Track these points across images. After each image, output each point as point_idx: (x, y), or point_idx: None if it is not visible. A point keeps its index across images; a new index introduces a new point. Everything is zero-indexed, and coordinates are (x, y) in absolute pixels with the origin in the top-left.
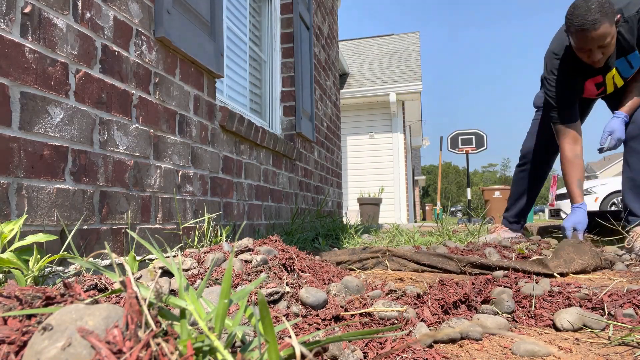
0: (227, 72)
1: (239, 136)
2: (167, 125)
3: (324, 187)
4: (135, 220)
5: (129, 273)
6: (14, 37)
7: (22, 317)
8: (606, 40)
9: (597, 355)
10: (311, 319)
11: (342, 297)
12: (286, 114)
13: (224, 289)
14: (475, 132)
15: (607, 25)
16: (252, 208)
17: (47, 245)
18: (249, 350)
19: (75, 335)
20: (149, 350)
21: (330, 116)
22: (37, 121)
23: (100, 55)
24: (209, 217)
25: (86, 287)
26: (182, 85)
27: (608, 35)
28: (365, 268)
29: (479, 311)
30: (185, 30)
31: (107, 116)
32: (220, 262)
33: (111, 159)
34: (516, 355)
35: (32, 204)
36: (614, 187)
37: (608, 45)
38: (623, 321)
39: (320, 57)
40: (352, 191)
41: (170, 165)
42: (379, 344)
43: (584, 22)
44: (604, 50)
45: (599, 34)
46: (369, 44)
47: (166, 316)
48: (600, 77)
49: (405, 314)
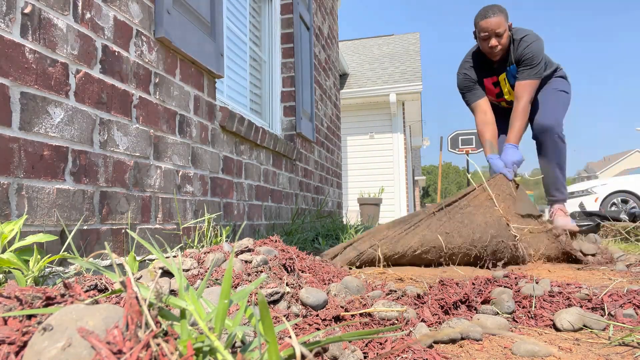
0: (227, 73)
1: (239, 136)
2: (167, 126)
3: (324, 188)
4: (136, 221)
5: (129, 273)
6: (14, 37)
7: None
8: (501, 29)
9: (597, 355)
10: (311, 319)
11: (342, 298)
12: (286, 114)
13: (224, 289)
14: (475, 132)
15: (503, 19)
16: (252, 208)
17: (47, 246)
18: (249, 351)
19: (75, 335)
20: (149, 350)
21: (331, 116)
22: (37, 121)
23: (100, 56)
24: (209, 217)
25: (86, 288)
26: (182, 86)
27: (502, 26)
28: (361, 255)
29: (479, 311)
30: (186, 31)
31: (107, 116)
32: (220, 262)
33: (111, 159)
34: (516, 355)
35: (32, 204)
36: (614, 187)
37: (502, 36)
38: (623, 321)
39: (320, 57)
40: (352, 191)
41: (171, 166)
42: (379, 344)
43: (486, 12)
44: (500, 40)
45: (496, 20)
46: (369, 44)
47: (166, 316)
48: (495, 78)
49: (405, 314)
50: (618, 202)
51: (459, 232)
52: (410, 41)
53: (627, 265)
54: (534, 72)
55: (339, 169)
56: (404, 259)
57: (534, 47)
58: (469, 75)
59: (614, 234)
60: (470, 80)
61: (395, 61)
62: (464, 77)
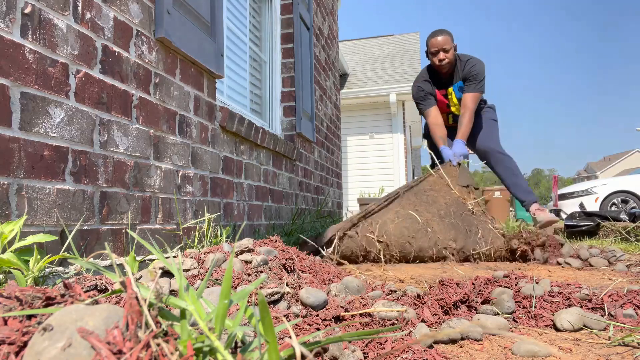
0: (227, 73)
1: (239, 136)
2: (167, 126)
3: (324, 188)
4: (136, 221)
5: (129, 273)
6: (15, 37)
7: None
8: (447, 46)
9: (597, 355)
10: (311, 320)
11: (342, 298)
12: (286, 114)
13: (224, 289)
14: None
15: (449, 39)
16: (253, 208)
17: (47, 246)
18: (249, 351)
19: (75, 335)
20: (149, 350)
21: (331, 116)
22: (37, 121)
23: (100, 56)
24: (209, 217)
25: (86, 288)
26: (182, 86)
27: (449, 44)
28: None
29: (479, 311)
30: (186, 31)
31: (108, 116)
32: (220, 262)
33: (111, 160)
34: (516, 355)
35: (33, 204)
36: (615, 188)
37: (448, 52)
38: (623, 321)
39: (320, 57)
40: (352, 191)
41: (171, 166)
42: (379, 344)
43: (436, 33)
44: (447, 55)
45: (443, 39)
46: (369, 44)
47: (166, 317)
48: (444, 90)
49: (405, 314)
50: (618, 202)
51: (427, 209)
52: (410, 41)
53: (627, 266)
54: (479, 87)
55: (339, 169)
56: (385, 226)
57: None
58: (422, 88)
59: (614, 234)
60: (423, 91)
61: (395, 61)
62: (417, 88)
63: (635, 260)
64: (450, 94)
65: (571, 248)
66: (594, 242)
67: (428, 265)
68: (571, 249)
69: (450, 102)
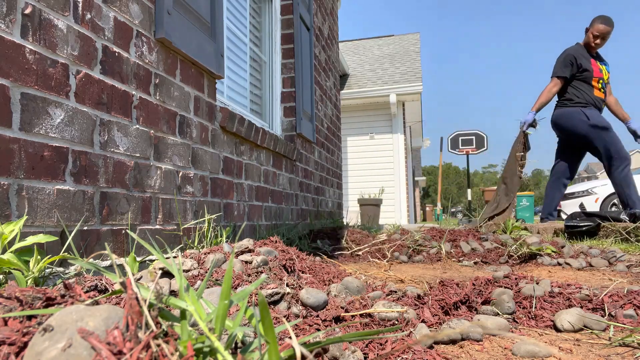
0: (228, 73)
1: (240, 137)
2: (167, 126)
3: (324, 188)
4: (136, 221)
5: (129, 274)
6: (15, 38)
7: (22, 318)
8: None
9: (597, 356)
10: (311, 320)
11: (343, 298)
12: (286, 114)
13: (224, 290)
14: (475, 132)
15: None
16: (253, 209)
17: (47, 246)
18: (249, 351)
19: (75, 336)
20: (150, 351)
21: (331, 117)
22: (37, 122)
23: (100, 56)
24: (210, 218)
25: (87, 288)
26: (183, 86)
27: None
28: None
29: (480, 312)
30: (186, 31)
31: (108, 117)
32: (220, 263)
33: (111, 160)
34: (517, 356)
35: (33, 205)
36: None
37: (606, 40)
38: (624, 322)
39: (320, 58)
40: (353, 192)
41: (171, 166)
42: (379, 344)
43: (608, 21)
44: (604, 42)
45: (610, 30)
46: (369, 44)
47: (166, 317)
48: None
49: (405, 314)
50: (618, 202)
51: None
52: (410, 41)
53: (627, 266)
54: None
55: (339, 170)
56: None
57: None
58: (576, 58)
59: (615, 234)
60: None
61: (395, 62)
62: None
63: (636, 260)
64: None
65: (571, 249)
66: (594, 242)
67: (428, 266)
68: (571, 250)
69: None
